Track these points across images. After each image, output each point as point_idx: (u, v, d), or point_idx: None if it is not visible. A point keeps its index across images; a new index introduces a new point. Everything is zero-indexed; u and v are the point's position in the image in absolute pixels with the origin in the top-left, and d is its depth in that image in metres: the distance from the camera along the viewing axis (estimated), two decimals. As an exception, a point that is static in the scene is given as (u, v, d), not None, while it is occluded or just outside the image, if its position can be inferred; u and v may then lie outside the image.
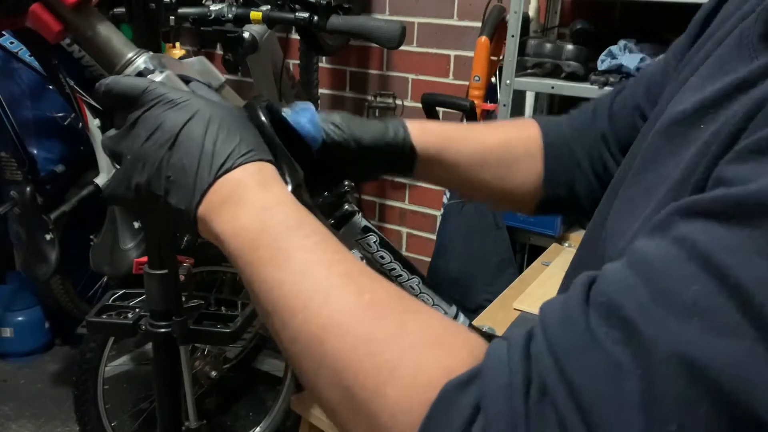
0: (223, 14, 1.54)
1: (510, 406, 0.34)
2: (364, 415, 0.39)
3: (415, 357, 0.40)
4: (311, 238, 0.47)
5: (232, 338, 1.01)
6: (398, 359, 0.40)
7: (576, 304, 0.36)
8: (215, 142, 0.50)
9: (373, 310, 0.42)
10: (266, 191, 0.49)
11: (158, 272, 0.94)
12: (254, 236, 0.47)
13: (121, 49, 0.58)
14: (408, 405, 0.38)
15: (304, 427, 1.99)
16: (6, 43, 2.07)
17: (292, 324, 0.43)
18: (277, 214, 0.48)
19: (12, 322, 2.69)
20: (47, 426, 2.37)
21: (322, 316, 0.42)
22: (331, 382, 0.41)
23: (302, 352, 0.43)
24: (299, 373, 0.44)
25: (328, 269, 0.45)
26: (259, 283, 0.46)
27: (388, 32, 1.47)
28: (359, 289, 0.44)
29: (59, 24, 0.56)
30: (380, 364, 0.40)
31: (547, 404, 0.34)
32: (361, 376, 0.40)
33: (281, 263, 0.45)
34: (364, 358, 0.40)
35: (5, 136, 2.15)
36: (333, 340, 0.41)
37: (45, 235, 2.15)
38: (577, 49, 1.80)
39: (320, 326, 0.42)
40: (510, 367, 0.36)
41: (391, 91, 2.45)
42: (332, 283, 0.44)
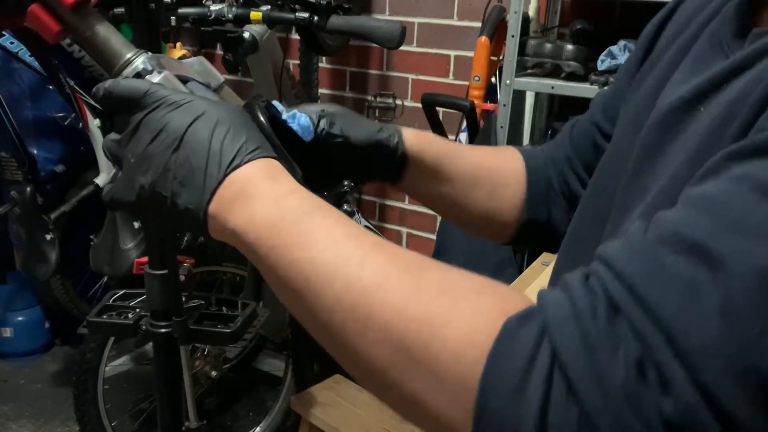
0: (224, 14, 1.54)
1: (581, 327, 0.36)
2: (423, 362, 0.39)
3: (469, 301, 0.40)
4: (330, 218, 0.47)
5: (232, 338, 1.01)
6: (452, 305, 0.40)
7: (639, 240, 0.38)
8: (222, 141, 0.50)
9: (414, 268, 0.43)
10: (277, 183, 0.50)
11: (159, 272, 0.94)
12: (273, 223, 0.47)
13: (120, 49, 0.58)
14: (470, 341, 0.38)
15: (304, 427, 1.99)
16: (6, 43, 2.07)
17: (330, 294, 0.43)
18: (292, 201, 0.48)
19: (12, 322, 2.69)
20: (47, 426, 2.37)
21: (363, 279, 0.43)
22: (381, 339, 0.41)
23: (345, 319, 0.42)
24: (339, 345, 0.44)
25: (357, 240, 0.45)
26: (284, 268, 0.46)
27: (388, 32, 1.47)
28: (393, 254, 0.44)
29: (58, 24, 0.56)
30: (434, 310, 0.40)
31: (620, 322, 0.35)
32: (415, 325, 0.40)
33: (308, 243, 0.45)
34: (416, 307, 0.41)
35: (5, 136, 2.15)
36: (379, 298, 0.42)
37: (45, 235, 2.15)
38: (577, 49, 1.80)
39: (362, 289, 0.42)
40: (572, 299, 0.37)
41: (391, 91, 2.45)
42: (365, 252, 0.44)
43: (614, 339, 0.35)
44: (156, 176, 0.51)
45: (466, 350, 0.38)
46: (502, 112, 1.86)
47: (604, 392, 0.34)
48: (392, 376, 0.41)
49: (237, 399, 2.48)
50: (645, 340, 0.34)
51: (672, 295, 0.34)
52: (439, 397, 0.39)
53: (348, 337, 0.43)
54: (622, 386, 0.34)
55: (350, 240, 0.45)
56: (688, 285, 0.34)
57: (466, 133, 2.05)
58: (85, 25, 0.57)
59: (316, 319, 0.45)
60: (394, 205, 2.64)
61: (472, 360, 0.38)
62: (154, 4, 0.80)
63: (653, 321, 0.34)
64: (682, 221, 0.37)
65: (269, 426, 2.22)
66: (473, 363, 0.37)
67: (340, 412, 1.93)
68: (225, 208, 0.49)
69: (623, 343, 0.34)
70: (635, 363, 0.34)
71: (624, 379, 0.34)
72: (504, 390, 0.36)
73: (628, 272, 0.36)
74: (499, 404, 0.36)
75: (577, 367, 0.35)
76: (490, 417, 0.37)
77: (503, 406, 0.36)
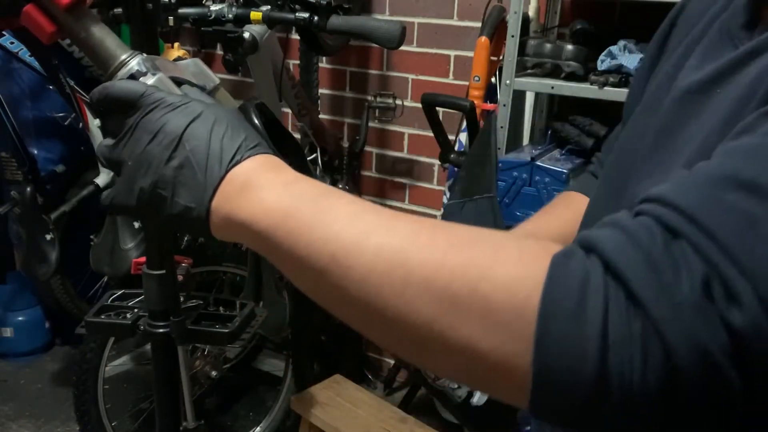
0: (224, 14, 1.54)
1: (641, 248, 0.38)
2: (473, 306, 0.40)
3: (509, 246, 0.42)
4: (345, 197, 0.47)
5: (230, 338, 1.01)
6: (493, 250, 0.41)
7: (687, 179, 0.41)
8: (222, 139, 0.50)
9: (443, 227, 0.44)
10: (282, 173, 0.50)
11: (157, 272, 0.94)
12: (288, 207, 0.47)
13: (115, 50, 0.58)
14: (521, 276, 0.39)
15: (304, 426, 1.99)
16: (6, 43, 2.07)
17: (362, 262, 0.43)
18: (302, 186, 0.49)
19: (12, 322, 2.70)
20: (47, 426, 2.37)
21: (394, 242, 0.43)
22: (422, 293, 0.41)
23: (380, 284, 0.42)
24: (375, 314, 0.43)
25: (377, 212, 0.46)
26: (305, 248, 0.45)
27: (388, 32, 1.47)
28: (416, 219, 0.45)
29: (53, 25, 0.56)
30: (476, 257, 0.41)
31: (680, 244, 0.37)
32: (459, 272, 0.40)
33: (328, 220, 0.45)
34: (456, 257, 0.41)
35: (5, 136, 2.15)
36: (415, 257, 0.42)
37: (45, 235, 2.15)
38: (577, 50, 1.79)
39: (395, 251, 0.42)
40: (624, 229, 0.40)
41: (391, 91, 2.45)
42: (388, 220, 0.45)
43: (676, 259, 0.37)
44: (156, 177, 0.51)
45: (519, 284, 0.39)
46: (502, 112, 1.86)
47: (672, 303, 0.36)
48: (439, 328, 0.41)
49: (237, 399, 2.48)
50: (710, 259, 0.36)
51: (730, 222, 0.37)
52: (495, 335, 0.39)
53: (385, 301, 0.42)
54: (689, 298, 0.36)
55: (370, 213, 0.46)
56: (744, 215, 0.37)
57: (466, 133, 2.05)
58: (80, 26, 0.57)
59: (345, 293, 0.44)
60: (394, 205, 2.64)
61: (525, 292, 0.38)
62: (151, 5, 0.80)
63: (715, 243, 0.37)
64: (727, 166, 0.39)
65: (269, 426, 2.22)
66: (527, 295, 0.38)
67: (340, 412, 1.93)
68: (230, 202, 0.49)
69: (686, 262, 0.37)
70: (701, 279, 0.36)
71: (691, 292, 0.36)
72: (563, 314, 0.37)
73: (683, 203, 0.39)
74: (560, 329, 0.37)
75: (642, 282, 0.37)
76: (551, 344, 0.38)
77: (564, 330, 0.37)
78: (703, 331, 0.36)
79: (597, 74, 1.73)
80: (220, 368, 2.15)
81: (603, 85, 1.70)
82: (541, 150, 1.94)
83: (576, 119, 1.93)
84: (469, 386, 0.53)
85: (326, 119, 2.64)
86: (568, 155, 1.93)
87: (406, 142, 2.52)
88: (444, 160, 2.09)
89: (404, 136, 2.52)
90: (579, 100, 1.83)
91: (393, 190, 2.62)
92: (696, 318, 0.36)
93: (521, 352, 0.38)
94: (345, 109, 2.66)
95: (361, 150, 2.40)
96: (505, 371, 0.39)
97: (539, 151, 1.93)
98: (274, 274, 1.90)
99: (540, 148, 1.96)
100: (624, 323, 0.37)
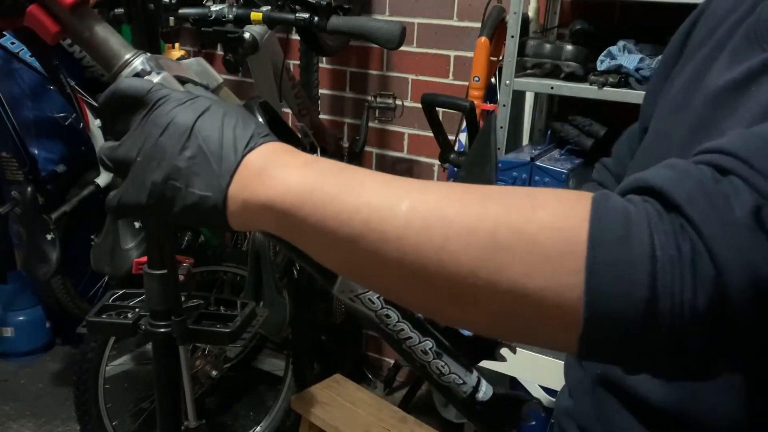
0: (224, 15, 1.54)
1: (692, 178, 0.40)
2: (519, 247, 0.40)
3: (547, 193, 0.42)
4: (369, 171, 0.48)
5: (231, 338, 1.01)
6: (531, 197, 0.42)
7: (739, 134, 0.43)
8: (234, 128, 0.51)
9: (473, 186, 0.44)
10: (299, 155, 0.50)
11: (158, 272, 0.94)
12: (313, 182, 0.47)
13: (119, 50, 0.58)
14: (565, 214, 0.40)
15: (304, 426, 2.00)
16: (7, 43, 2.07)
17: (397, 224, 0.43)
18: (322, 163, 0.49)
19: (13, 321, 2.70)
20: (48, 425, 2.37)
21: (429, 201, 0.43)
22: (465, 243, 0.41)
23: (418, 240, 0.42)
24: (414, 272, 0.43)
25: (403, 180, 0.46)
26: (335, 218, 0.45)
27: (388, 33, 1.47)
28: (446, 183, 0.46)
29: (56, 25, 0.56)
30: (516, 203, 0.42)
31: (731, 178, 0.39)
32: (503, 219, 0.41)
33: (356, 189, 0.45)
34: (496, 206, 0.42)
35: (6, 136, 2.15)
36: (452, 210, 0.42)
37: (46, 235, 2.15)
38: (577, 50, 1.80)
39: (431, 209, 0.43)
40: (674, 167, 0.41)
41: (391, 91, 2.45)
42: (417, 185, 0.45)
43: (726, 188, 0.38)
44: (168, 169, 0.50)
45: (564, 221, 0.40)
46: (502, 112, 1.86)
47: (723, 223, 0.37)
48: (486, 274, 0.41)
49: (237, 398, 2.48)
50: (760, 190, 0.38)
51: None
52: (544, 272, 0.39)
53: (427, 258, 0.42)
54: (741, 220, 0.37)
55: (397, 180, 0.46)
56: None
57: (465, 133, 2.06)
58: (84, 25, 0.57)
59: (382, 258, 0.44)
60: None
61: (571, 226, 0.39)
62: (153, 5, 0.80)
63: (764, 176, 0.38)
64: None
65: (269, 425, 2.22)
66: (574, 229, 0.39)
67: (340, 412, 1.93)
68: (249, 187, 0.49)
69: (736, 191, 0.38)
70: (752, 206, 0.37)
71: (743, 215, 0.37)
72: (611, 240, 0.38)
73: (736, 149, 0.40)
74: (609, 255, 0.38)
75: (692, 204, 0.38)
76: (602, 271, 0.38)
77: (613, 256, 0.38)
78: (755, 252, 0.36)
79: (596, 74, 1.74)
80: (221, 368, 2.15)
81: (602, 86, 1.71)
82: (540, 150, 1.95)
83: (575, 119, 1.94)
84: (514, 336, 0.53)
85: (326, 119, 2.65)
86: (567, 155, 1.94)
87: (406, 142, 2.53)
88: (444, 160, 2.09)
89: (404, 136, 2.52)
90: (578, 100, 1.83)
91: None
92: (748, 238, 0.37)
93: (572, 285, 0.39)
94: (345, 109, 2.66)
95: (361, 150, 2.41)
96: (555, 308, 0.39)
97: (539, 151, 1.94)
98: (274, 274, 1.90)
99: (540, 148, 1.97)
100: (672, 244, 0.37)
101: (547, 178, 1.81)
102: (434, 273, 0.42)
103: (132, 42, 0.77)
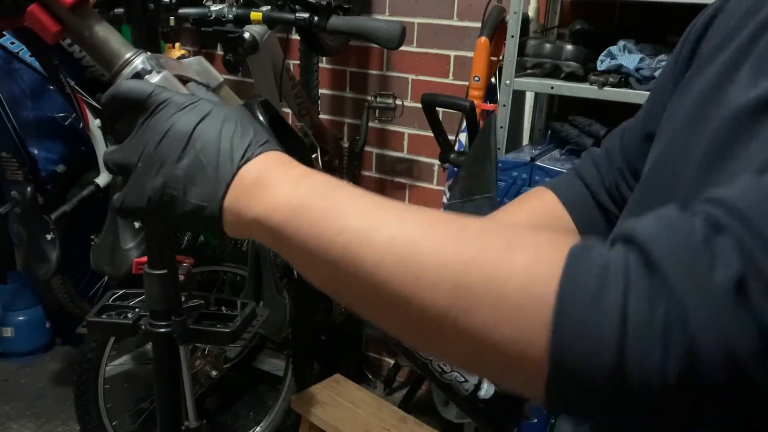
0: (224, 15, 1.54)
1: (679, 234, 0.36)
2: (489, 292, 0.39)
3: (526, 236, 0.41)
4: (357, 191, 0.47)
5: (231, 338, 1.01)
6: (509, 239, 0.40)
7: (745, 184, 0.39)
8: (232, 137, 0.51)
9: (454, 218, 0.43)
10: (293, 168, 0.50)
11: (158, 272, 0.94)
12: (300, 201, 0.47)
13: (119, 49, 0.58)
14: (539, 262, 0.38)
15: (304, 426, 2.00)
16: (7, 43, 2.07)
17: (373, 251, 0.43)
18: (313, 180, 0.49)
19: (13, 321, 2.70)
20: (48, 425, 2.37)
21: (406, 232, 0.43)
22: (436, 281, 0.40)
23: (393, 271, 0.42)
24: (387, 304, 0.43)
25: (388, 205, 0.45)
26: (317, 240, 0.45)
27: (388, 33, 1.47)
28: (428, 211, 0.45)
29: (57, 25, 0.56)
30: (492, 245, 0.40)
31: (722, 237, 0.36)
32: (476, 258, 0.40)
33: (340, 212, 0.45)
34: (471, 246, 0.41)
35: (6, 136, 2.15)
36: (428, 245, 0.41)
37: (46, 235, 2.15)
38: (577, 50, 1.80)
39: (407, 241, 0.42)
40: (665, 218, 0.38)
41: (391, 91, 2.46)
42: (400, 212, 0.45)
43: (714, 250, 0.35)
44: (166, 177, 0.51)
45: (536, 271, 0.38)
46: (502, 112, 1.86)
47: (702, 291, 0.35)
48: (453, 315, 0.40)
49: (237, 398, 2.48)
50: (751, 255, 0.35)
51: None
52: (511, 323, 0.38)
53: (397, 291, 0.42)
54: (722, 289, 0.34)
55: (382, 205, 0.45)
56: None
57: (465, 133, 2.06)
58: (84, 25, 0.57)
59: (357, 283, 0.44)
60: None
61: (543, 278, 0.38)
62: (153, 5, 0.80)
63: (760, 240, 0.35)
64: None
65: (269, 425, 2.22)
66: (545, 281, 0.37)
67: (340, 412, 1.93)
68: (243, 198, 0.49)
69: (724, 255, 0.35)
70: (738, 273, 0.35)
71: (724, 283, 0.35)
72: (582, 298, 0.37)
73: (735, 202, 0.37)
74: (578, 313, 0.36)
75: (672, 266, 0.35)
76: (569, 329, 0.37)
77: (582, 314, 0.36)
78: (731, 325, 0.34)
79: (597, 74, 1.74)
80: (221, 368, 2.15)
81: (603, 85, 1.71)
82: (540, 150, 1.95)
83: (576, 119, 1.94)
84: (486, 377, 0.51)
85: (326, 119, 2.65)
86: (567, 155, 1.94)
87: (406, 142, 2.53)
88: (444, 160, 2.09)
89: (404, 136, 2.52)
90: (579, 100, 1.83)
91: (393, 190, 2.62)
92: (726, 310, 0.34)
93: (537, 340, 0.37)
94: (345, 109, 2.66)
95: (361, 150, 2.41)
96: (520, 360, 0.38)
97: (539, 151, 1.94)
98: (274, 274, 1.90)
99: (540, 148, 1.97)
100: (646, 307, 0.35)
101: (547, 178, 1.80)
102: (405, 307, 0.42)
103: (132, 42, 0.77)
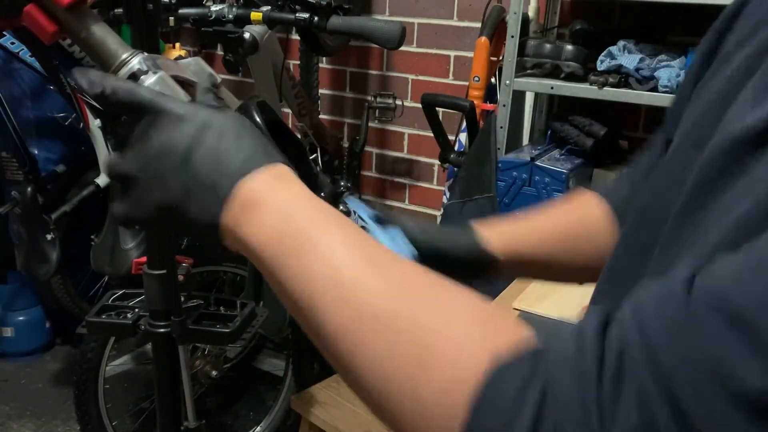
0: (224, 15, 1.54)
1: (582, 383, 0.34)
2: (407, 396, 0.39)
3: (454, 336, 0.40)
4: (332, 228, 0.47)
5: (231, 338, 1.01)
6: (435, 343, 0.40)
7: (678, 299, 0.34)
8: (229, 151, 0.50)
9: (404, 292, 0.43)
10: (282, 190, 0.50)
11: (157, 272, 0.94)
12: (277, 232, 0.47)
13: (116, 49, 0.58)
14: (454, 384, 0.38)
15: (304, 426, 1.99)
16: (7, 43, 2.08)
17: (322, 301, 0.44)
18: (295, 209, 0.48)
19: (13, 321, 2.70)
20: (48, 425, 2.37)
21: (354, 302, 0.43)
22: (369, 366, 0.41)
23: (336, 330, 0.43)
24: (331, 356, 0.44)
25: (354, 256, 0.45)
26: (282, 272, 0.46)
27: (388, 33, 1.47)
28: (387, 273, 0.44)
29: (54, 25, 0.56)
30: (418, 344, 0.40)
31: (626, 389, 0.33)
32: (403, 363, 0.40)
33: (306, 255, 0.46)
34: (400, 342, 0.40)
35: (6, 136, 2.15)
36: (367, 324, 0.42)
37: (46, 235, 2.15)
38: (577, 50, 1.80)
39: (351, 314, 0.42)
40: (581, 348, 0.35)
41: (391, 91, 2.46)
42: (361, 271, 0.44)
43: (615, 404, 0.33)
44: (165, 194, 0.51)
45: (452, 388, 0.38)
46: (502, 112, 1.86)
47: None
48: (382, 398, 0.41)
49: (237, 398, 2.48)
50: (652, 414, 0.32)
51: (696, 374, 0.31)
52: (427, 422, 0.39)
53: (340, 349, 0.43)
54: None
55: (347, 255, 0.45)
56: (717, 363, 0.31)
57: (465, 133, 2.06)
58: (81, 25, 0.57)
59: (311, 324, 0.45)
60: (394, 205, 2.64)
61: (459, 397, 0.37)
62: (152, 5, 0.80)
63: (664, 395, 0.32)
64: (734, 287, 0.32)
65: (269, 425, 2.23)
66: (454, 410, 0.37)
67: (340, 412, 1.93)
68: (236, 218, 0.49)
69: (624, 409, 0.33)
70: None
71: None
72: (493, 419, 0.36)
73: (653, 335, 0.33)
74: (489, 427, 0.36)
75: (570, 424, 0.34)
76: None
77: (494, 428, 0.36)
78: None
79: (596, 74, 1.74)
80: (221, 368, 2.15)
81: (602, 86, 1.71)
82: (540, 150, 1.95)
83: (576, 119, 1.94)
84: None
85: (326, 119, 2.65)
86: (567, 155, 1.94)
87: (406, 142, 2.53)
88: (444, 160, 2.09)
89: (404, 136, 2.53)
90: (579, 100, 1.83)
91: (393, 190, 2.62)
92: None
93: None
94: (345, 109, 2.66)
95: (361, 150, 2.41)
96: None
97: (539, 151, 1.94)
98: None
99: (540, 148, 1.97)
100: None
101: (547, 178, 1.81)
102: (346, 370, 0.43)
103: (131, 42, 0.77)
